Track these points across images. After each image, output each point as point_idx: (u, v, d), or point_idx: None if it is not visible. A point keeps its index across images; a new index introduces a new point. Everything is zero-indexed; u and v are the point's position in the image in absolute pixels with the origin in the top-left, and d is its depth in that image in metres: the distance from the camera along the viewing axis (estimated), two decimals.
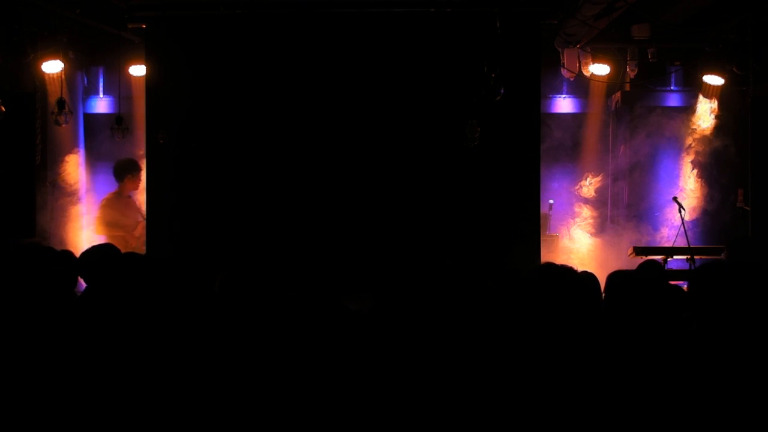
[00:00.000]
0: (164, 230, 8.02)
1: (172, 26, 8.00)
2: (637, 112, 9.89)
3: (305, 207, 7.93)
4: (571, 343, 3.24)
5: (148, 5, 7.93)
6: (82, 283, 4.63)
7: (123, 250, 5.14)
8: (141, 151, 9.38)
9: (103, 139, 9.67)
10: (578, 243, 10.04)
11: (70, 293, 4.28)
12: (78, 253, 4.95)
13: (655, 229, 9.78)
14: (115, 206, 9.21)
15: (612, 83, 9.77)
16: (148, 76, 8.10)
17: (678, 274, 7.69)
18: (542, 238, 8.36)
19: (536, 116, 8.05)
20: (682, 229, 7.87)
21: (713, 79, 9.28)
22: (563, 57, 8.96)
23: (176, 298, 4.24)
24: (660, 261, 8.03)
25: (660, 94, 10.06)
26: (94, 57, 9.70)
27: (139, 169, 9.15)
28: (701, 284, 3.24)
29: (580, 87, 10.13)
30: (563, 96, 10.36)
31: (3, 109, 7.92)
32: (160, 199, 8.11)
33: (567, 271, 3.55)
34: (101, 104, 10.27)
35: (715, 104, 9.35)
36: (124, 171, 9.29)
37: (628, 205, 9.98)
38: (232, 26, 7.93)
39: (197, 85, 8.02)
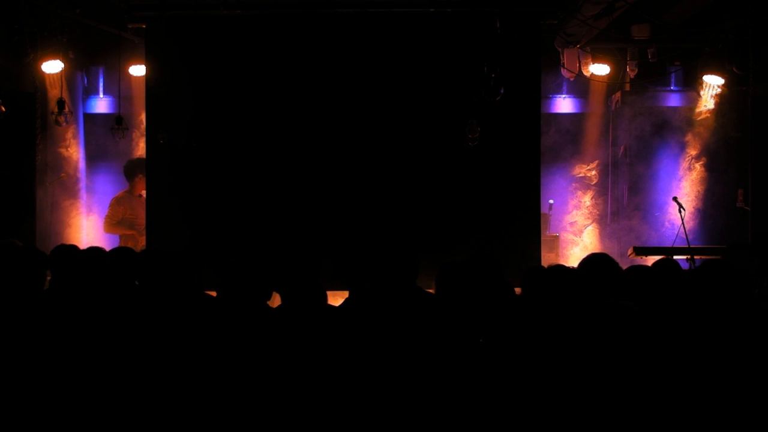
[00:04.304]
0: (164, 230, 8.00)
1: (172, 26, 7.98)
2: (637, 112, 9.90)
3: (306, 207, 7.93)
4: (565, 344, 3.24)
5: (148, 5, 7.92)
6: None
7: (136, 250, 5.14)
8: (141, 150, 9.40)
9: (103, 139, 9.68)
10: (578, 243, 10.05)
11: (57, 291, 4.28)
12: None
13: (655, 229, 9.78)
14: (127, 205, 9.17)
15: (612, 83, 9.77)
16: (148, 76, 8.09)
17: None
18: (542, 238, 8.35)
19: (536, 116, 8.03)
20: (682, 229, 7.87)
21: (713, 79, 9.29)
22: (563, 57, 8.95)
23: (173, 295, 4.24)
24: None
25: (660, 94, 10.06)
26: (94, 57, 9.70)
27: None
28: (702, 283, 3.27)
29: (580, 87, 10.13)
30: (563, 96, 10.36)
31: (3, 109, 7.92)
32: (161, 199, 8.10)
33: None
34: (101, 104, 10.28)
35: (717, 91, 9.34)
36: (135, 170, 9.24)
37: (628, 204, 9.98)
38: (232, 26, 7.93)
39: (197, 85, 8.00)
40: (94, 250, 4.69)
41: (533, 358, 3.17)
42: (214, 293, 4.19)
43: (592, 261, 4.16)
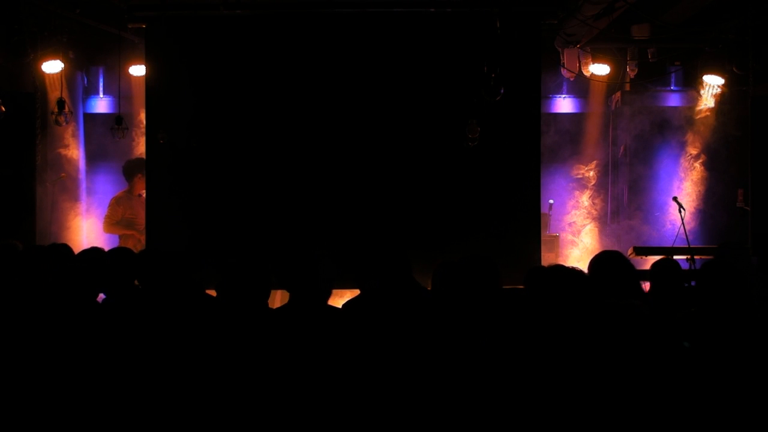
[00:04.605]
0: (164, 229, 8.00)
1: (172, 26, 7.98)
2: (637, 111, 9.90)
3: (306, 207, 7.92)
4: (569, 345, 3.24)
5: (148, 5, 7.92)
6: None
7: (135, 251, 5.15)
8: (141, 150, 9.40)
9: (103, 139, 9.68)
10: (578, 243, 10.05)
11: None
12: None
13: (656, 229, 9.78)
14: (126, 205, 9.18)
15: (612, 83, 9.77)
16: (148, 76, 8.08)
17: None
18: (542, 238, 8.35)
19: (536, 116, 8.03)
20: (682, 229, 7.87)
21: (713, 79, 9.29)
22: (563, 57, 8.95)
23: (172, 295, 4.24)
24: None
25: (660, 94, 10.06)
26: (94, 57, 9.70)
27: None
28: (710, 281, 3.28)
29: (580, 87, 10.14)
30: (563, 96, 10.36)
31: (3, 109, 7.92)
32: (161, 199, 8.10)
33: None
34: (101, 104, 10.28)
35: (717, 90, 9.35)
36: (134, 170, 9.26)
37: (628, 204, 9.99)
38: (232, 26, 7.92)
39: (197, 85, 8.00)
40: (93, 251, 4.69)
41: (536, 358, 3.17)
42: (214, 293, 4.19)
43: (602, 259, 4.13)
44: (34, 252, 4.77)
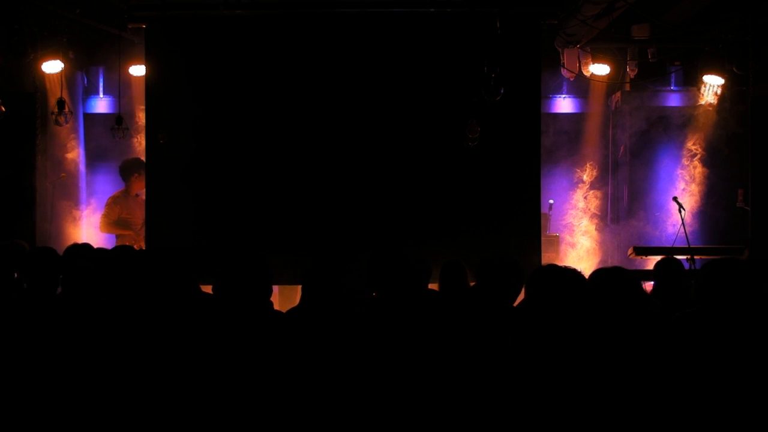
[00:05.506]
0: (164, 229, 8.00)
1: (171, 26, 7.99)
2: (637, 111, 9.90)
3: (305, 207, 7.93)
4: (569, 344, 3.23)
5: (148, 5, 7.92)
6: None
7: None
8: (140, 150, 9.40)
9: (103, 139, 9.68)
10: (578, 243, 10.05)
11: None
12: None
13: (656, 228, 9.78)
14: (123, 205, 9.19)
15: (612, 83, 9.77)
16: (148, 76, 8.09)
17: None
18: (542, 238, 8.35)
19: (536, 116, 8.03)
20: (682, 229, 7.87)
21: (713, 79, 9.30)
22: (563, 57, 8.96)
23: (172, 294, 4.24)
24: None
25: (660, 94, 10.06)
26: (94, 57, 9.71)
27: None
28: (710, 281, 3.27)
29: (580, 87, 10.14)
30: (563, 96, 10.36)
31: (3, 109, 7.92)
32: (160, 199, 8.10)
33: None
34: (101, 104, 10.29)
35: (718, 90, 9.35)
36: (131, 170, 9.28)
37: (628, 204, 9.99)
38: (232, 26, 7.93)
39: (197, 85, 8.01)
40: (102, 251, 4.69)
41: (553, 357, 3.15)
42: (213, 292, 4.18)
43: (603, 275, 4.06)
44: (46, 252, 4.77)
